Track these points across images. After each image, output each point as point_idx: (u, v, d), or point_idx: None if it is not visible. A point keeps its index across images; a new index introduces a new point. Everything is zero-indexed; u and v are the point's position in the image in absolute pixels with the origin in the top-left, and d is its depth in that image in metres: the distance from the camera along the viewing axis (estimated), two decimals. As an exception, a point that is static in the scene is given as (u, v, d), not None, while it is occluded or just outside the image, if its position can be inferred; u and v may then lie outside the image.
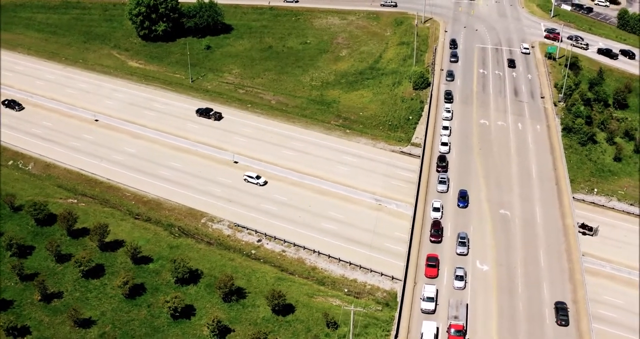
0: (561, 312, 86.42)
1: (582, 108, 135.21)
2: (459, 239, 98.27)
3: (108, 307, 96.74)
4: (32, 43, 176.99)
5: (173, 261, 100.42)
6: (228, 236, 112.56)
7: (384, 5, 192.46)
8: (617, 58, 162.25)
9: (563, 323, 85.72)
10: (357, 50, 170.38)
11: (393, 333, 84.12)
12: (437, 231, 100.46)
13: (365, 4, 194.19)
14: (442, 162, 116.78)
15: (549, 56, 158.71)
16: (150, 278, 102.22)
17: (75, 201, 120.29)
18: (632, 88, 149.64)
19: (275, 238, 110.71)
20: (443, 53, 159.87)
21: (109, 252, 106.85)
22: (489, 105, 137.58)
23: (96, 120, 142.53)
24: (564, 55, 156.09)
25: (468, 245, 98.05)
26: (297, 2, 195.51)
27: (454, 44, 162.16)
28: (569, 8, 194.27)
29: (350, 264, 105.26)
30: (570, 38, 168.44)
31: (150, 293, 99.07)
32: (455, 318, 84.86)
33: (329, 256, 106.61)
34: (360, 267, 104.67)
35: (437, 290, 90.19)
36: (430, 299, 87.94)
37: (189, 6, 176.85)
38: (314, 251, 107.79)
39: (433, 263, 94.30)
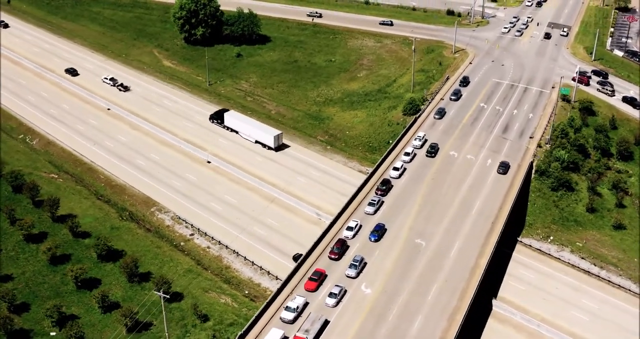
0: None
1: (562, 152, 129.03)
2: (352, 261, 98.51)
3: (31, 268, 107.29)
4: (89, 35, 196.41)
5: (97, 237, 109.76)
6: (167, 226, 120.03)
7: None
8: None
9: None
10: (375, 73, 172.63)
11: (240, 333, 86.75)
12: (338, 249, 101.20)
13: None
14: (383, 186, 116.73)
15: (563, 98, 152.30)
16: (80, 251, 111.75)
17: (56, 176, 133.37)
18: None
19: (206, 234, 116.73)
20: (452, 85, 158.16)
21: (58, 224, 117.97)
22: (469, 138, 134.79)
23: (108, 109, 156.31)
24: (583, 99, 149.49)
25: (359, 269, 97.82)
26: (320, 16, 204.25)
27: (465, 81, 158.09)
28: (621, 54, 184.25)
29: (261, 269, 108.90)
30: (599, 83, 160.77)
31: (72, 264, 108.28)
32: (306, 331, 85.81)
33: (245, 259, 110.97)
34: (269, 273, 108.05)
35: (305, 303, 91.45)
36: (292, 310, 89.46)
37: (230, 14, 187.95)
38: (234, 252, 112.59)
39: (315, 278, 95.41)
